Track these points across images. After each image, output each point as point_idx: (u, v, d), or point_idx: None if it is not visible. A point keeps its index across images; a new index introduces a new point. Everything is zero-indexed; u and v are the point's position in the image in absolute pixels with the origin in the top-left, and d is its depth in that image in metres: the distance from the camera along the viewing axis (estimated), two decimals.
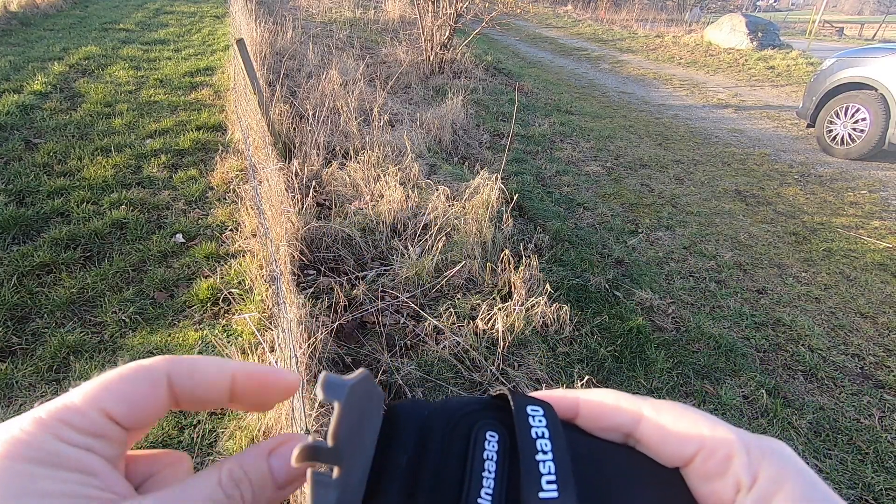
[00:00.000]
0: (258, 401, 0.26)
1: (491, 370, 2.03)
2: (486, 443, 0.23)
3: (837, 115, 5.64)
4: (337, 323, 2.12)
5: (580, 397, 0.26)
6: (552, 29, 16.74)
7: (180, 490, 0.22)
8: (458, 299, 2.41)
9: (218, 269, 2.67)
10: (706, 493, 0.22)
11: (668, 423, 0.23)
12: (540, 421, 0.23)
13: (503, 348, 2.12)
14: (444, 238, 2.64)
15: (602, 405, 0.25)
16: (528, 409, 0.23)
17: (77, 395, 0.21)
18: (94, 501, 0.20)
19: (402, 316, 2.29)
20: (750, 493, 0.20)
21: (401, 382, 1.92)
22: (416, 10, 6.57)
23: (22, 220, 2.93)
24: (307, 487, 0.20)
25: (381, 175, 3.16)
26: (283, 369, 0.27)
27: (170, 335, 2.25)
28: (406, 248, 2.61)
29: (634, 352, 2.43)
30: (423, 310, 2.28)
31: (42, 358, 2.07)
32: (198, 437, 1.78)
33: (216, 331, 2.26)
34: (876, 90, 5.25)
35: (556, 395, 0.26)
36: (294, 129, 3.84)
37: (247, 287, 2.54)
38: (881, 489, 1.87)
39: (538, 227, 3.42)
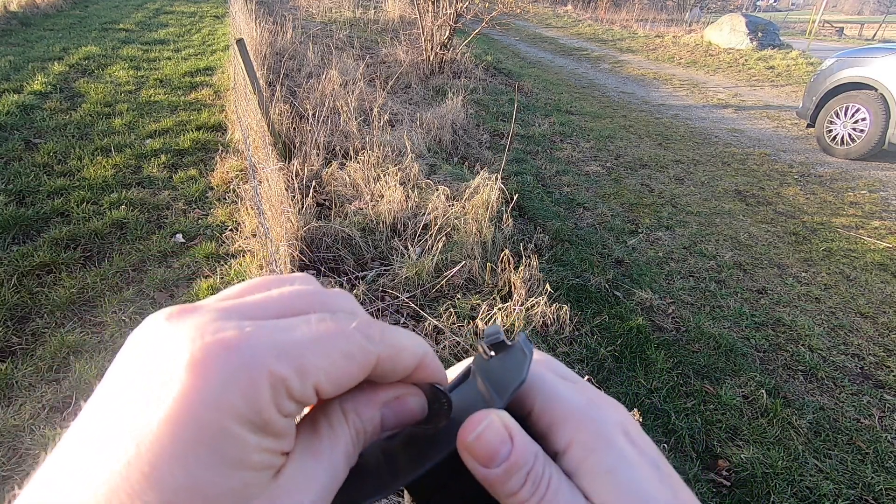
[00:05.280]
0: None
1: None
2: None
3: (837, 115, 5.63)
4: None
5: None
6: (552, 29, 16.74)
7: (328, 449, 0.21)
8: (458, 299, 2.41)
9: (218, 269, 2.66)
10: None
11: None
12: None
13: None
14: (444, 238, 2.64)
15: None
16: None
17: (307, 359, 0.19)
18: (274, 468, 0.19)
19: (402, 316, 2.29)
20: (564, 458, 0.23)
21: None
22: (416, 10, 6.57)
23: (22, 220, 2.93)
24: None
25: (381, 175, 3.16)
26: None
27: None
28: (406, 248, 2.61)
29: (634, 352, 2.43)
30: (423, 310, 2.28)
31: (42, 358, 2.07)
32: None
33: None
34: (876, 90, 5.24)
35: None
36: (294, 129, 3.84)
37: None
38: (881, 489, 1.87)
39: (538, 227, 3.42)
